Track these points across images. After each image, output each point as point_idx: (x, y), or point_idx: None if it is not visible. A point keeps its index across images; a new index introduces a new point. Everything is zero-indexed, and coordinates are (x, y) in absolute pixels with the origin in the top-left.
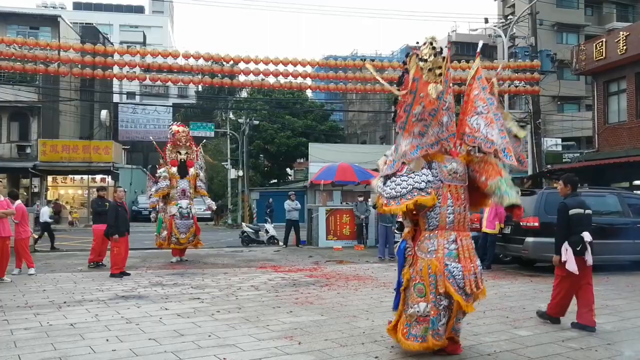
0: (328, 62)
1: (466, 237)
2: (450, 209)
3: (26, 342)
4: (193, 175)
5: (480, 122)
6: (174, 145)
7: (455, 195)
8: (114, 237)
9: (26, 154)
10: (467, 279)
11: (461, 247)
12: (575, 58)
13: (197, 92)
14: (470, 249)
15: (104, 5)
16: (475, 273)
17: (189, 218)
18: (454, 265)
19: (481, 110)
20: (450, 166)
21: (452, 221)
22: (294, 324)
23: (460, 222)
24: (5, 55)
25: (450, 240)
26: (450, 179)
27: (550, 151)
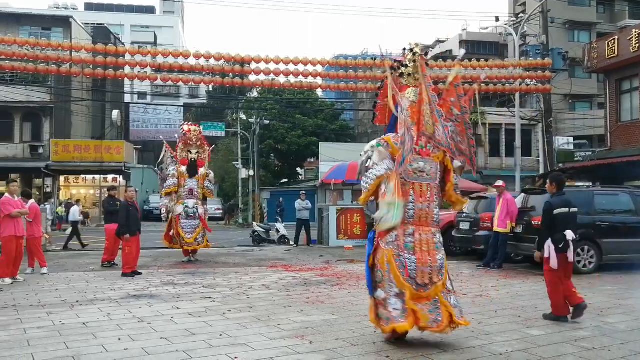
0: (338, 62)
1: (427, 232)
2: (411, 205)
3: (39, 341)
4: (203, 175)
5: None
6: (185, 145)
7: (418, 193)
8: (125, 236)
9: (39, 154)
10: (419, 270)
11: (419, 240)
12: (587, 56)
13: (208, 92)
14: (429, 242)
15: (115, 5)
16: (430, 266)
17: (195, 218)
18: (407, 256)
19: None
20: (416, 165)
21: (412, 216)
22: (305, 323)
23: (422, 218)
24: (18, 56)
25: (408, 234)
26: (416, 177)
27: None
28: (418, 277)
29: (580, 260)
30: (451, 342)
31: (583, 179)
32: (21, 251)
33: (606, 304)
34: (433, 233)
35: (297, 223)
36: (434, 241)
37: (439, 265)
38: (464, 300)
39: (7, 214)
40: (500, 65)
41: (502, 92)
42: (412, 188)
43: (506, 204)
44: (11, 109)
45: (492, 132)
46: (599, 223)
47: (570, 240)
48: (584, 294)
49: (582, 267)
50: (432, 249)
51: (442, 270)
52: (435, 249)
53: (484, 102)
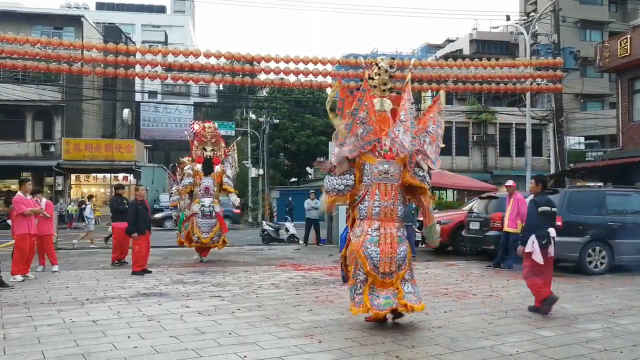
0: (348, 61)
1: (391, 226)
2: (377, 203)
3: (49, 338)
4: (219, 172)
5: (400, 129)
6: (200, 142)
7: (383, 192)
8: (133, 235)
9: (50, 153)
10: (382, 260)
11: (383, 234)
12: (599, 55)
13: (218, 91)
14: (392, 236)
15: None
16: (391, 257)
17: (211, 217)
18: (372, 248)
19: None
20: (381, 167)
21: (377, 213)
22: (314, 323)
23: (387, 214)
24: (30, 55)
25: (374, 228)
26: (381, 178)
27: (573, 150)
28: (381, 266)
29: (591, 261)
30: (461, 343)
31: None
32: (33, 249)
33: (618, 305)
34: (397, 227)
35: (307, 222)
36: (397, 235)
37: (401, 257)
38: (474, 301)
39: (21, 212)
40: (511, 65)
41: (513, 91)
42: (378, 188)
43: (517, 203)
44: (23, 108)
45: (503, 132)
46: (610, 223)
47: (552, 237)
48: (595, 295)
49: (594, 267)
50: (394, 242)
51: (405, 260)
52: (397, 241)
53: (495, 102)
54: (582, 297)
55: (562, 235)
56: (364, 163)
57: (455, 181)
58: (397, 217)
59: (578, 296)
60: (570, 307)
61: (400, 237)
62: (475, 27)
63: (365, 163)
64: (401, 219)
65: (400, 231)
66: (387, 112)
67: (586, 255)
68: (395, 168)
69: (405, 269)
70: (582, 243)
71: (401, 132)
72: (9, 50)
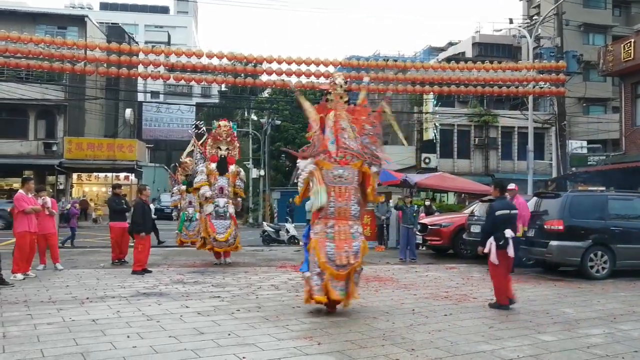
0: (350, 62)
1: (345, 224)
2: (332, 204)
3: (49, 337)
4: (233, 172)
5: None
6: (215, 140)
7: (338, 194)
8: (140, 234)
9: (52, 152)
10: (337, 254)
11: (337, 231)
12: (602, 59)
13: (220, 91)
14: (347, 232)
15: (130, 5)
16: (347, 251)
17: (225, 218)
18: (329, 244)
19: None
20: (336, 172)
21: (332, 212)
22: (314, 324)
23: (341, 213)
24: (33, 54)
25: (329, 226)
26: (336, 181)
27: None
28: (337, 260)
29: (593, 266)
30: (462, 347)
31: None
32: (34, 247)
33: (619, 311)
34: (350, 225)
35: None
36: (350, 231)
37: (354, 251)
38: (475, 304)
39: (21, 210)
40: (514, 68)
41: (515, 94)
42: (333, 190)
43: (518, 207)
44: (26, 107)
45: (505, 135)
46: (612, 228)
47: (509, 238)
48: (596, 300)
49: (595, 272)
50: (348, 238)
51: (358, 254)
52: (351, 237)
53: (497, 105)
54: (584, 302)
55: (563, 239)
56: (321, 168)
57: (456, 184)
58: (351, 215)
59: (579, 301)
60: (572, 311)
61: (353, 233)
62: (478, 30)
63: (322, 168)
64: (356, 217)
65: (353, 228)
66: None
67: (588, 260)
68: (349, 173)
69: (359, 262)
70: (584, 247)
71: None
72: (13, 49)
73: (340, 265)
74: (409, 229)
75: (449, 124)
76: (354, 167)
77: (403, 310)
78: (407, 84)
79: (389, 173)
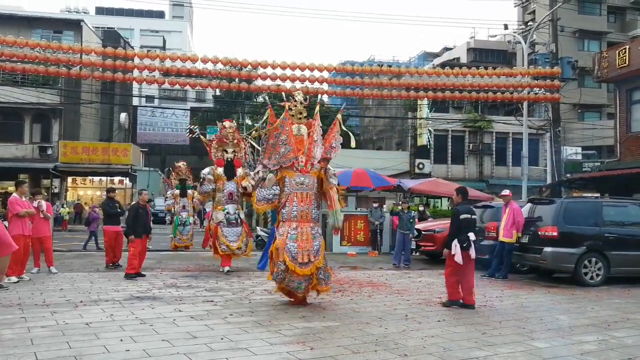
0: (345, 68)
1: (306, 226)
2: (295, 208)
3: (42, 340)
4: (241, 176)
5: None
6: (220, 143)
7: (300, 199)
8: (130, 237)
9: (47, 155)
10: (300, 253)
11: (300, 232)
12: (597, 65)
13: (215, 96)
14: (308, 233)
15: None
16: (308, 250)
17: (237, 225)
18: (291, 244)
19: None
20: (298, 180)
21: (295, 216)
22: (307, 329)
23: (303, 216)
24: (29, 58)
25: (293, 228)
26: (298, 188)
27: (570, 160)
28: (299, 258)
29: (587, 273)
30: (454, 352)
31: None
32: (28, 250)
33: (613, 318)
34: (311, 227)
35: None
36: (311, 233)
37: (315, 250)
38: (468, 310)
39: (15, 214)
40: (509, 74)
41: (510, 100)
42: (296, 196)
43: (512, 213)
44: (22, 110)
45: (499, 141)
46: (607, 235)
47: (472, 241)
48: (590, 306)
49: (590, 279)
50: (309, 238)
51: (319, 252)
52: (312, 238)
53: (491, 111)
54: (578, 309)
55: (558, 246)
56: (284, 177)
57: (450, 189)
58: (312, 218)
59: (573, 307)
60: (565, 318)
61: (314, 234)
62: (473, 36)
63: (285, 177)
64: (316, 220)
65: (314, 230)
66: (303, 136)
67: (582, 267)
68: (310, 180)
69: (320, 259)
70: (578, 254)
71: (313, 150)
72: (8, 52)
73: (303, 263)
74: (405, 235)
75: (443, 130)
76: (313, 175)
77: (396, 315)
78: (402, 89)
79: (383, 179)
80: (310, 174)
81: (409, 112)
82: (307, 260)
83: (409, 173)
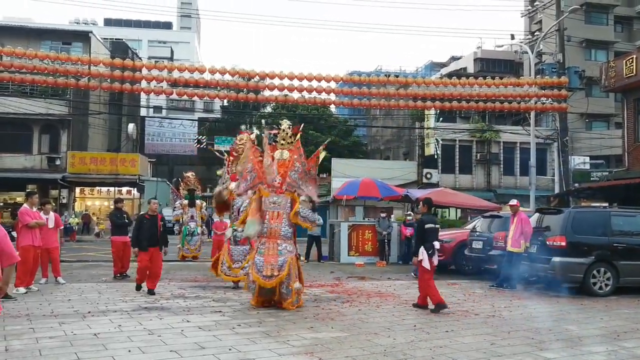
0: (352, 78)
1: (274, 242)
2: (266, 225)
3: (51, 351)
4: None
5: (295, 176)
6: (237, 158)
7: (271, 217)
8: (134, 249)
9: (56, 166)
10: (265, 267)
11: (267, 247)
12: (604, 75)
13: (222, 106)
14: (274, 249)
15: (134, 21)
16: (272, 264)
17: (246, 243)
18: (258, 258)
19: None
20: (272, 199)
21: (265, 232)
22: (315, 340)
23: (272, 233)
24: (38, 70)
25: (262, 243)
26: (271, 207)
27: (577, 169)
28: (264, 271)
29: (596, 283)
30: None
31: (599, 199)
32: (37, 261)
33: (623, 328)
34: (278, 243)
35: (308, 238)
36: (278, 249)
37: (279, 265)
38: (477, 321)
39: (25, 224)
40: (516, 83)
41: (517, 110)
42: (268, 213)
43: (520, 223)
44: (30, 121)
45: (507, 151)
46: (615, 245)
47: (436, 249)
48: (599, 317)
49: (598, 289)
50: (275, 254)
51: (283, 267)
52: (277, 253)
53: (499, 120)
54: (587, 319)
55: (566, 256)
56: (261, 196)
57: (457, 199)
58: (281, 235)
59: (582, 318)
60: (575, 328)
61: (280, 250)
62: (479, 46)
63: (262, 196)
64: (285, 237)
65: (282, 246)
66: (285, 160)
67: (591, 277)
68: (283, 199)
69: (283, 274)
70: (587, 264)
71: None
72: (18, 64)
73: (267, 276)
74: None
75: (450, 140)
76: (287, 195)
77: (404, 326)
78: (409, 99)
79: (391, 188)
80: (285, 195)
81: (417, 122)
82: (271, 273)
83: (417, 183)
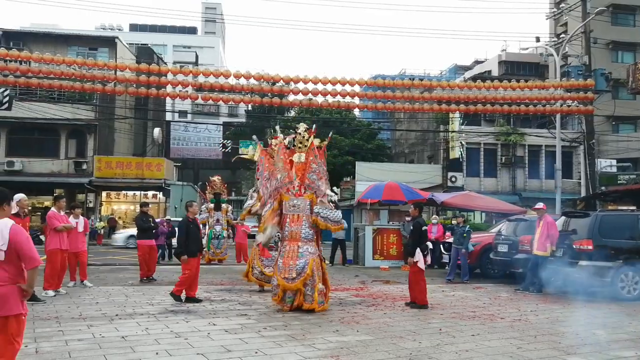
0: (376, 82)
1: (294, 244)
2: (287, 228)
3: (79, 353)
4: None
5: (314, 177)
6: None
7: (292, 220)
8: (182, 257)
9: (82, 170)
10: (285, 269)
11: (287, 250)
12: (631, 76)
13: (247, 111)
14: (294, 251)
15: (159, 26)
16: (290, 267)
17: (276, 248)
18: (280, 261)
19: (315, 169)
20: (292, 202)
21: (287, 235)
22: (340, 343)
23: (293, 236)
24: (66, 75)
25: (284, 246)
26: (292, 210)
27: (604, 172)
28: (284, 273)
29: (623, 287)
30: None
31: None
32: (65, 264)
33: None
34: (299, 246)
35: (333, 242)
36: (298, 251)
37: (300, 267)
38: (502, 324)
39: (53, 228)
40: (541, 86)
41: (543, 113)
42: (288, 217)
43: (546, 226)
44: (58, 126)
45: (532, 154)
46: None
47: (429, 249)
48: (628, 321)
49: (626, 293)
50: (295, 256)
51: (304, 269)
52: (297, 256)
53: (524, 123)
54: (615, 323)
55: (593, 259)
56: (282, 201)
57: (482, 203)
58: (302, 237)
59: (610, 322)
60: (602, 333)
61: (301, 252)
62: (504, 49)
63: (283, 200)
64: (306, 239)
65: (302, 248)
66: (302, 162)
67: (618, 281)
68: (302, 203)
69: (305, 276)
70: (614, 268)
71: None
72: (46, 70)
73: (288, 278)
74: (458, 249)
75: (475, 143)
76: (306, 197)
77: (430, 329)
78: (433, 102)
79: (415, 192)
80: (305, 197)
81: (441, 125)
82: (290, 276)
83: (442, 186)
